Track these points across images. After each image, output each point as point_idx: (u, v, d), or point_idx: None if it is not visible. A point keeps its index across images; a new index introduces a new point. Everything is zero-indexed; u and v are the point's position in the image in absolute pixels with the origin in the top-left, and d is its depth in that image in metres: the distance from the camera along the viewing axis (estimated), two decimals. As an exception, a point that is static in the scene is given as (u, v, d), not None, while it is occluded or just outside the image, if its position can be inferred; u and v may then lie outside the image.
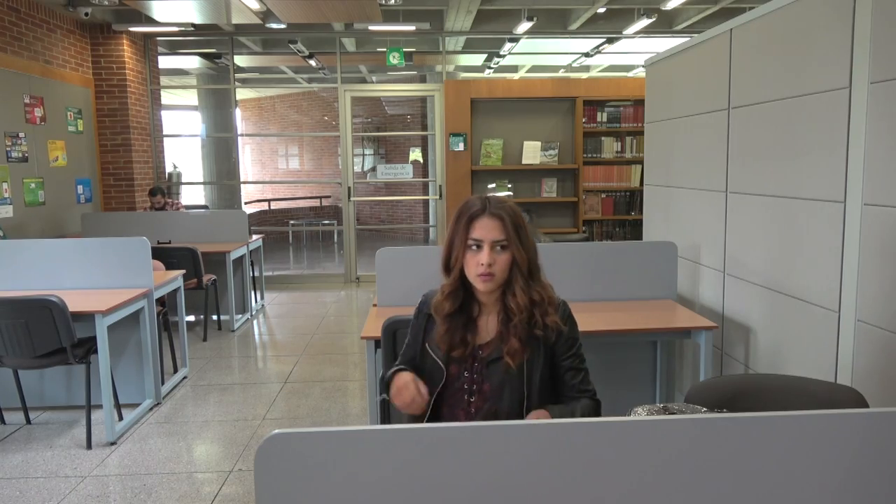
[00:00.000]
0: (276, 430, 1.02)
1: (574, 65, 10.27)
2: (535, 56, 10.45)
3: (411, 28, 7.28)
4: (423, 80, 11.04)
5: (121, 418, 3.82)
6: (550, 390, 1.85)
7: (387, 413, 2.88)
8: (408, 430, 1.05)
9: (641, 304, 3.31)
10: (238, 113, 9.95)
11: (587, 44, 8.82)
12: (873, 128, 2.23)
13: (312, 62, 8.93)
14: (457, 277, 1.80)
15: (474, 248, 1.76)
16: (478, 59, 10.13)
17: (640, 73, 9.88)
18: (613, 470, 1.05)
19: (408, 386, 1.77)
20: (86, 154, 7.11)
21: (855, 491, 1.06)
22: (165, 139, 8.28)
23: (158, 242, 5.87)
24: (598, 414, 1.87)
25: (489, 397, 1.80)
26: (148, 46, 7.83)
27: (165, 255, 5.11)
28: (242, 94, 14.22)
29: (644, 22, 7.18)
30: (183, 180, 10.08)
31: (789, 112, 2.68)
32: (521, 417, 1.81)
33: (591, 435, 1.05)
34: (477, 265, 1.74)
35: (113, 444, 3.57)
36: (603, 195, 7.70)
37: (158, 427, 3.81)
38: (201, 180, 11.48)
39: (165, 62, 8.92)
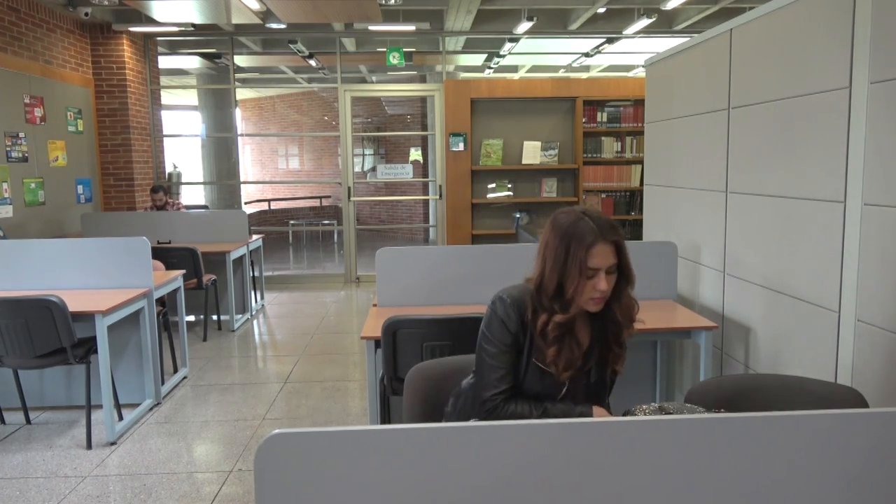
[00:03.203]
0: (276, 430, 1.02)
1: (574, 65, 10.26)
2: (535, 56, 10.45)
3: (411, 28, 7.28)
4: (423, 80, 11.04)
5: (121, 418, 3.82)
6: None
7: (387, 413, 2.89)
8: (408, 430, 1.05)
9: (641, 304, 3.29)
10: (238, 113, 9.96)
11: (587, 44, 8.82)
12: (873, 128, 2.23)
13: (312, 62, 8.93)
14: (574, 308, 1.74)
15: (590, 275, 1.71)
16: (478, 59, 10.13)
17: (640, 73, 9.87)
18: (613, 470, 1.05)
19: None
20: (86, 154, 7.11)
21: (855, 491, 1.06)
22: (165, 139, 8.28)
23: (158, 242, 5.87)
24: None
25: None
26: (148, 46, 7.83)
27: (165, 255, 5.11)
28: (242, 94, 14.22)
29: (644, 22, 7.18)
30: (183, 180, 10.08)
31: (789, 112, 2.68)
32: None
33: (590, 435, 1.05)
34: (592, 290, 1.71)
35: (113, 444, 3.57)
36: (603, 195, 7.70)
37: (158, 427, 3.81)
38: (201, 180, 11.48)
39: (165, 62, 8.92)
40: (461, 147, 7.64)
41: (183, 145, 12.49)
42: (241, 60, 9.53)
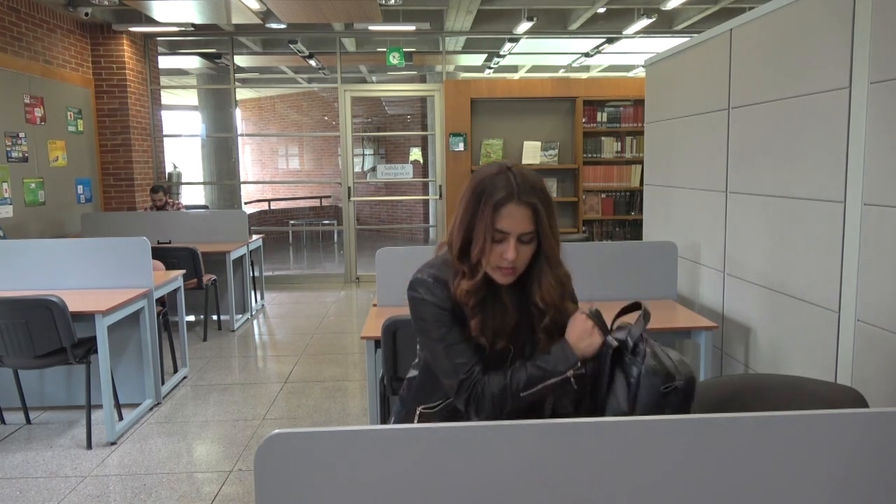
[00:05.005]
0: (276, 430, 1.02)
1: (574, 65, 10.27)
2: (535, 56, 10.45)
3: (411, 28, 7.28)
4: (423, 80, 11.04)
5: (121, 418, 3.82)
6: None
7: (387, 413, 2.89)
8: (408, 430, 1.05)
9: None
10: (238, 113, 9.96)
11: (587, 44, 8.82)
12: (873, 128, 2.23)
13: (312, 62, 8.93)
14: (480, 272, 1.50)
15: (498, 238, 1.48)
16: (478, 59, 10.13)
17: (640, 73, 9.87)
18: (613, 469, 1.05)
19: (590, 329, 1.51)
20: (86, 154, 7.11)
21: (854, 491, 1.06)
22: (165, 139, 8.29)
23: (158, 242, 5.87)
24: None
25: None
26: (148, 46, 7.83)
27: (165, 255, 5.11)
28: (242, 94, 14.22)
29: (644, 22, 7.18)
30: (183, 180, 10.08)
31: (789, 112, 2.68)
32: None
33: (591, 435, 1.05)
34: (499, 258, 1.48)
35: (113, 444, 3.57)
36: (603, 195, 7.70)
37: (158, 427, 3.81)
38: (201, 180, 11.48)
39: (165, 62, 8.92)
40: (461, 147, 7.64)
41: (183, 145, 12.50)
42: (241, 60, 9.53)
